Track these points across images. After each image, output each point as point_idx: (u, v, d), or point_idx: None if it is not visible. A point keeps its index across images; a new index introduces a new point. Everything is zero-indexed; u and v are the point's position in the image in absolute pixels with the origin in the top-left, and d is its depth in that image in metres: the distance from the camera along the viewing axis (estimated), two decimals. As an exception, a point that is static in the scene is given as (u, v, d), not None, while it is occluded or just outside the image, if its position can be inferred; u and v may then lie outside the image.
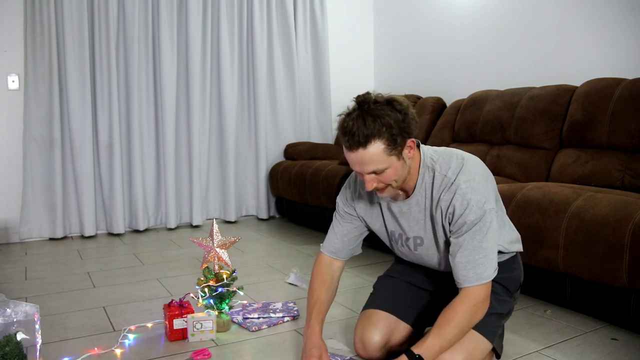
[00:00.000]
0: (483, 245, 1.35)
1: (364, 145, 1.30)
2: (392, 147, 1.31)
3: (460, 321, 1.34)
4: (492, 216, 1.36)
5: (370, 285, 1.80)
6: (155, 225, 3.97)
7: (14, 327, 1.47)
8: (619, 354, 1.71)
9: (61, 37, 3.49)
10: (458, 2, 3.84)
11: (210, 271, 1.99)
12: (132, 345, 1.81)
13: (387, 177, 1.36)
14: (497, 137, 3.08)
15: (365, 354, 1.60)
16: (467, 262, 1.35)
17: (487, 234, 1.35)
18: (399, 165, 1.35)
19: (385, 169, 1.33)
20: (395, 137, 1.30)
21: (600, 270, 1.83)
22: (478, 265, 1.35)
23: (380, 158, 1.31)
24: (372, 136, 1.29)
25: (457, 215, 1.36)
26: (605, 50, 2.89)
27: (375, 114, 1.29)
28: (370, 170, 1.34)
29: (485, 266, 1.35)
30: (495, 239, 1.38)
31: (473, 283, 1.35)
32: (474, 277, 1.35)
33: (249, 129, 4.27)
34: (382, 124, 1.29)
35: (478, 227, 1.35)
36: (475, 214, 1.34)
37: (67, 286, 2.52)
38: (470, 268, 1.35)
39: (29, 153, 3.45)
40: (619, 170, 2.42)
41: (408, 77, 4.38)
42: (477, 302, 1.35)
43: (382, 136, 1.29)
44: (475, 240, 1.35)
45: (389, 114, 1.30)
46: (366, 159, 1.32)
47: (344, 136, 1.32)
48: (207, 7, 3.96)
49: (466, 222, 1.35)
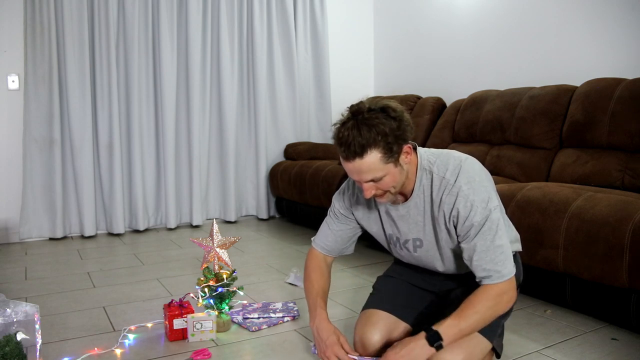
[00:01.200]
0: (496, 243, 1.35)
1: (361, 155, 1.30)
2: (388, 155, 1.31)
3: (482, 307, 1.34)
4: (498, 213, 1.37)
5: (370, 285, 1.80)
6: (155, 225, 3.97)
7: (14, 327, 1.47)
8: (619, 354, 1.71)
9: (61, 37, 3.49)
10: (458, 2, 3.84)
11: (210, 271, 1.99)
12: (132, 345, 1.82)
13: (385, 184, 1.36)
14: (497, 137, 3.08)
15: (365, 353, 1.60)
16: (486, 262, 1.35)
17: (498, 231, 1.35)
18: (396, 172, 1.36)
19: (383, 176, 1.34)
20: (391, 145, 1.30)
21: (600, 270, 1.83)
22: (497, 263, 1.34)
23: (378, 166, 1.32)
24: (368, 146, 1.29)
25: (462, 218, 1.36)
26: (605, 50, 2.89)
27: (370, 123, 1.30)
28: (368, 179, 1.35)
29: (505, 263, 1.35)
30: (505, 234, 1.38)
31: (496, 281, 1.35)
32: (496, 275, 1.35)
33: (249, 129, 4.27)
34: (377, 133, 1.29)
35: (487, 227, 1.34)
36: (481, 215, 1.34)
37: (67, 286, 2.52)
38: (490, 268, 1.35)
39: (29, 153, 3.45)
40: (619, 170, 2.42)
41: (408, 77, 4.38)
42: (501, 292, 1.35)
43: (378, 145, 1.29)
44: (487, 240, 1.35)
45: (383, 122, 1.30)
46: (363, 168, 1.32)
47: (340, 147, 1.33)
48: (207, 7, 3.96)
49: (473, 225, 1.35)
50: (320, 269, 1.66)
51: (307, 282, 1.66)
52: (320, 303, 1.59)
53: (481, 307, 1.34)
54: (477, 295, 1.36)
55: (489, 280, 1.35)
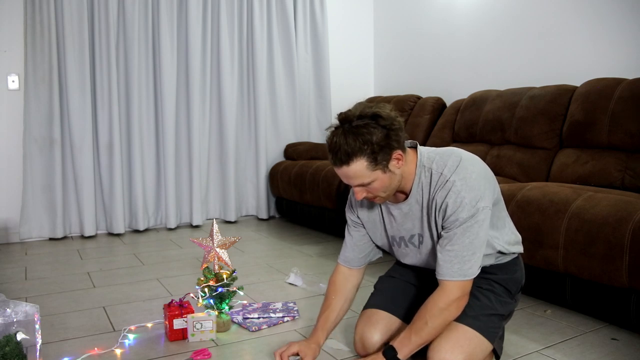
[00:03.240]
0: (474, 243, 1.36)
1: (347, 162, 1.33)
2: (374, 163, 1.33)
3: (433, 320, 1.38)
4: (485, 215, 1.37)
5: (371, 285, 1.80)
6: (155, 225, 3.97)
7: (14, 327, 1.47)
8: (619, 354, 1.71)
9: (61, 37, 3.49)
10: (458, 2, 3.84)
11: (210, 271, 1.99)
12: (132, 345, 1.82)
13: (374, 189, 1.39)
14: (497, 137, 3.08)
15: (365, 353, 1.60)
16: (454, 257, 1.36)
17: (479, 232, 1.36)
18: (385, 178, 1.37)
19: (371, 182, 1.36)
20: (377, 154, 1.32)
21: (600, 270, 1.83)
22: (465, 262, 1.36)
23: (364, 173, 1.34)
24: (353, 154, 1.31)
25: (449, 212, 1.37)
26: (605, 50, 2.89)
27: (357, 132, 1.31)
28: (356, 184, 1.38)
29: (471, 264, 1.36)
30: (485, 238, 1.39)
31: (455, 278, 1.36)
32: (457, 272, 1.36)
33: (249, 129, 4.27)
34: (363, 142, 1.31)
35: (469, 225, 1.35)
36: (468, 212, 1.35)
37: (67, 286, 2.52)
38: (456, 263, 1.36)
39: (29, 153, 3.45)
40: (619, 170, 2.42)
41: (408, 77, 4.38)
42: (455, 298, 1.37)
43: (364, 153, 1.31)
44: (465, 237, 1.35)
45: (371, 131, 1.31)
46: (350, 174, 1.36)
47: (329, 153, 1.37)
48: (207, 7, 3.95)
49: (458, 219, 1.36)
50: (335, 284, 1.65)
51: (325, 300, 1.67)
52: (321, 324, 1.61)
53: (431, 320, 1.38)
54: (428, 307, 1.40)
55: (449, 276, 1.37)
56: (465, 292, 1.38)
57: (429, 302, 1.39)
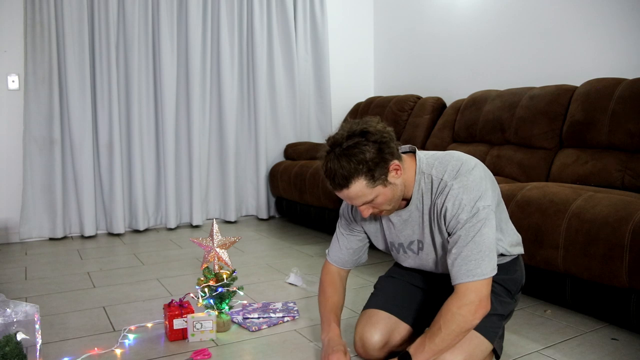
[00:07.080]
0: (476, 240, 1.32)
1: (346, 186, 1.33)
2: (373, 180, 1.32)
3: (449, 323, 1.32)
4: (487, 213, 1.34)
5: (371, 285, 1.80)
6: (155, 225, 3.97)
7: (14, 327, 1.47)
8: (619, 354, 1.71)
9: (61, 37, 3.49)
10: (458, 2, 3.84)
11: (210, 271, 1.99)
12: (132, 345, 1.82)
13: (379, 204, 1.39)
14: (497, 137, 3.08)
15: (365, 353, 1.60)
16: (462, 259, 1.33)
17: (482, 229, 1.33)
18: (387, 191, 1.37)
19: (374, 198, 1.36)
20: (373, 171, 1.31)
21: (600, 270, 1.83)
22: (470, 261, 1.31)
23: (366, 192, 1.34)
24: (350, 176, 1.31)
25: (449, 216, 1.36)
26: (605, 50, 2.89)
27: (349, 154, 1.31)
28: (360, 203, 1.38)
29: (478, 262, 1.31)
30: (491, 236, 1.35)
31: (465, 280, 1.31)
32: (466, 273, 1.31)
33: (249, 129, 4.27)
34: (357, 162, 1.30)
35: (472, 224, 1.33)
36: (468, 212, 1.34)
37: (67, 286, 2.52)
38: (462, 264, 1.32)
39: (29, 153, 3.45)
40: (619, 170, 2.42)
41: (408, 77, 4.38)
42: (468, 301, 1.30)
43: (360, 173, 1.31)
44: (468, 236, 1.33)
45: (363, 150, 1.31)
46: (352, 196, 1.35)
47: (326, 179, 1.36)
48: (207, 7, 3.95)
49: (459, 221, 1.35)
50: (334, 283, 1.67)
51: (321, 296, 1.68)
52: (334, 318, 1.61)
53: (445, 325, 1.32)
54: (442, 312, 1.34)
55: (458, 279, 1.33)
56: (480, 295, 1.31)
57: (442, 307, 1.35)
